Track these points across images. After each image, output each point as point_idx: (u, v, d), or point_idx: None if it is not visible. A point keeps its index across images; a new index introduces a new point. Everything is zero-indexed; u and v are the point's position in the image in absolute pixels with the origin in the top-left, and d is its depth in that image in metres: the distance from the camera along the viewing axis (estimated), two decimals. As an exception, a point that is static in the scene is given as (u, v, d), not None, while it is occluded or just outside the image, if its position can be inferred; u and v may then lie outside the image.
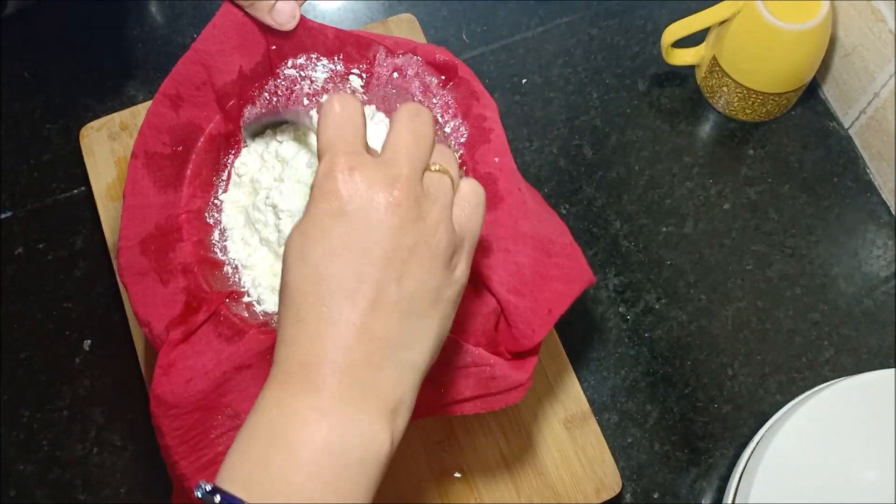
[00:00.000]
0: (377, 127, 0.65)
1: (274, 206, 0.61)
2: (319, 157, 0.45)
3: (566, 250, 0.60)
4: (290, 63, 0.65)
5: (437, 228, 0.44)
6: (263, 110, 0.65)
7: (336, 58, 0.65)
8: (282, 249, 0.61)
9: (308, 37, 0.65)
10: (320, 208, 0.43)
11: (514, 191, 0.61)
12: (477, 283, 0.58)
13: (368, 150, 0.46)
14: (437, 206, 0.45)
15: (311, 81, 0.66)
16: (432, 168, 0.46)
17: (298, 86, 0.66)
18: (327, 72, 0.66)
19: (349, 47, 0.65)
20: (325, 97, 0.66)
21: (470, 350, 0.55)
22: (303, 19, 0.65)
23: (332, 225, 0.43)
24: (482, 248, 0.58)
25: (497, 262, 0.58)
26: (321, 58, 0.65)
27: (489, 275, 0.57)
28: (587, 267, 0.61)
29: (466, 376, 0.56)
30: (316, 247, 0.43)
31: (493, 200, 0.60)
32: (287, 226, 0.60)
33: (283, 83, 0.65)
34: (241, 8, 0.62)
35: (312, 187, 0.44)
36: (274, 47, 0.64)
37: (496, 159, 0.62)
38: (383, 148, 0.46)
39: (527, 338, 0.57)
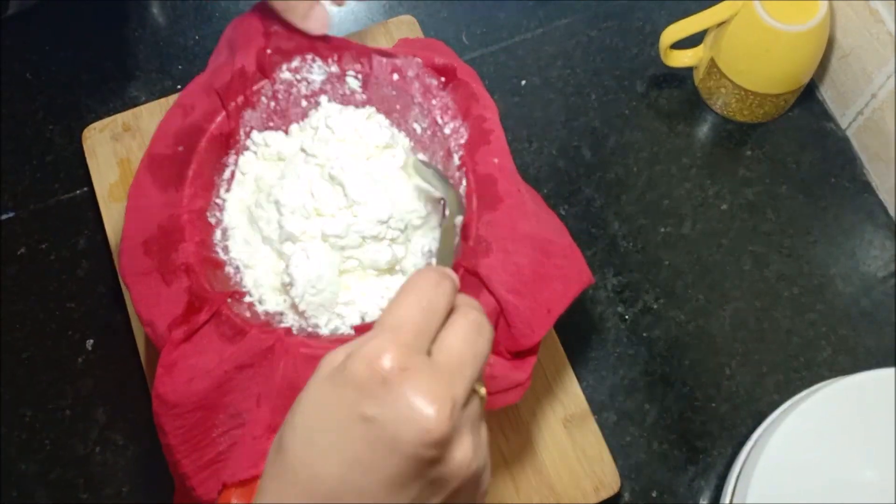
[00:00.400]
0: (373, 128, 0.65)
1: (276, 202, 0.61)
2: (379, 324, 0.40)
3: (565, 251, 0.60)
4: (284, 67, 0.65)
5: (469, 465, 0.40)
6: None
7: (331, 59, 0.66)
8: (284, 247, 0.61)
9: (304, 40, 0.65)
10: (348, 396, 0.38)
11: (513, 192, 0.61)
12: (477, 283, 0.58)
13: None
14: (474, 436, 0.40)
15: (308, 83, 0.66)
16: (476, 389, 0.41)
17: (296, 88, 0.66)
18: (323, 73, 0.66)
19: (345, 50, 0.66)
20: (324, 98, 0.67)
21: None
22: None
23: (352, 426, 0.38)
24: (482, 249, 0.59)
25: (497, 261, 0.58)
26: (316, 59, 0.66)
27: (489, 275, 0.57)
28: (586, 267, 0.61)
29: None
30: (328, 436, 0.38)
31: (492, 201, 0.61)
32: (289, 222, 0.60)
33: (280, 87, 0.66)
34: (276, 11, 0.64)
35: (350, 357, 0.38)
36: (269, 51, 0.65)
37: (495, 160, 0.62)
38: (438, 349, 0.40)
39: (526, 337, 0.57)
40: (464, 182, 0.62)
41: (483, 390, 0.42)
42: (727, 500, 0.62)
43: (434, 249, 0.64)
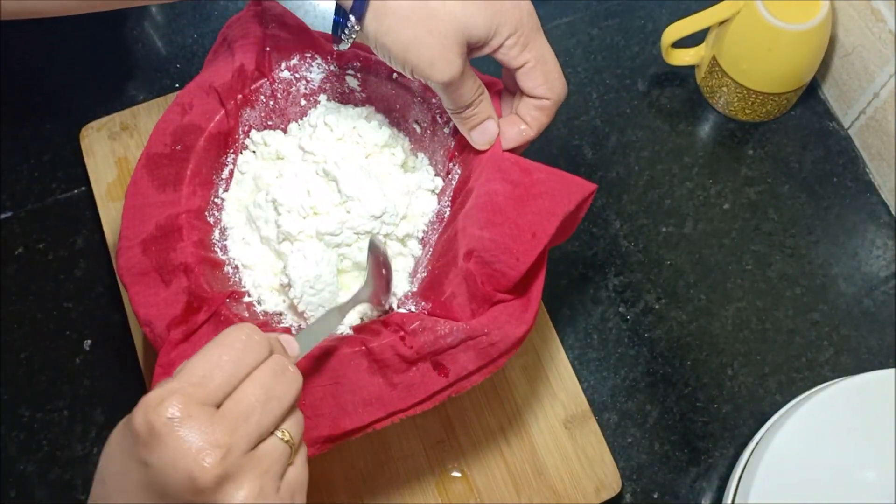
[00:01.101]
0: (372, 127, 0.65)
1: (274, 202, 0.61)
2: (174, 373, 0.41)
3: (545, 168, 0.57)
4: (283, 66, 0.65)
5: None
6: (263, 113, 0.65)
7: (330, 58, 0.65)
8: (281, 247, 0.61)
9: (306, 38, 0.65)
10: (129, 441, 0.40)
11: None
12: (456, 249, 0.57)
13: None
14: (263, 481, 0.41)
15: (308, 81, 0.66)
16: (278, 435, 0.42)
17: (294, 87, 0.66)
18: (323, 72, 0.66)
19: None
20: (323, 96, 0.67)
21: (462, 327, 0.55)
22: (302, 25, 0.65)
23: (132, 469, 0.40)
24: (464, 201, 0.58)
25: (472, 203, 0.57)
26: (315, 56, 0.65)
27: (464, 226, 0.56)
28: (575, 178, 0.57)
29: (466, 350, 0.55)
30: (114, 477, 0.41)
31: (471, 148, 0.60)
32: (286, 221, 0.60)
33: (279, 86, 0.65)
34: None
35: (141, 402, 0.40)
36: (268, 48, 0.65)
37: None
38: (229, 398, 0.41)
39: (512, 268, 0.55)
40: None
41: (288, 434, 0.43)
42: (729, 501, 0.62)
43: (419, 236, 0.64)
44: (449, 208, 0.62)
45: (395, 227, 0.62)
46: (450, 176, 0.64)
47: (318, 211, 0.61)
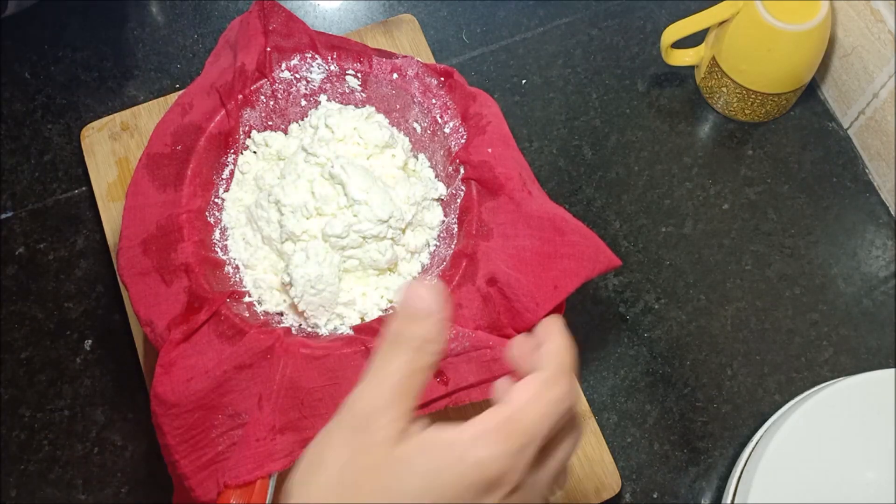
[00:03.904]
0: (373, 128, 0.65)
1: (277, 202, 0.61)
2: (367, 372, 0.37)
3: (581, 230, 0.59)
4: (283, 66, 0.65)
5: None
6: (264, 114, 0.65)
7: (330, 58, 0.66)
8: (284, 246, 0.61)
9: (307, 38, 0.65)
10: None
11: (513, 176, 0.60)
12: (472, 268, 0.58)
13: None
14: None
15: (308, 82, 0.66)
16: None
17: (295, 87, 0.66)
18: (323, 72, 0.66)
19: (344, 49, 0.66)
20: (323, 97, 0.67)
21: (467, 334, 0.55)
22: (303, 26, 0.66)
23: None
24: (483, 234, 0.58)
25: (497, 245, 0.58)
26: (315, 56, 0.65)
27: (487, 254, 0.57)
28: (606, 249, 0.58)
29: (468, 361, 0.55)
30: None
31: (493, 187, 0.60)
32: (290, 221, 0.60)
33: (279, 86, 0.66)
34: None
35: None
36: (269, 48, 0.65)
37: (489, 150, 0.62)
38: (506, 402, 0.37)
39: (530, 311, 0.56)
40: (461, 171, 0.62)
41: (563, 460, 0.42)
42: (728, 501, 0.62)
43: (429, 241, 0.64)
44: (456, 225, 0.62)
45: (402, 232, 0.62)
46: (452, 184, 0.64)
47: (323, 212, 0.61)
